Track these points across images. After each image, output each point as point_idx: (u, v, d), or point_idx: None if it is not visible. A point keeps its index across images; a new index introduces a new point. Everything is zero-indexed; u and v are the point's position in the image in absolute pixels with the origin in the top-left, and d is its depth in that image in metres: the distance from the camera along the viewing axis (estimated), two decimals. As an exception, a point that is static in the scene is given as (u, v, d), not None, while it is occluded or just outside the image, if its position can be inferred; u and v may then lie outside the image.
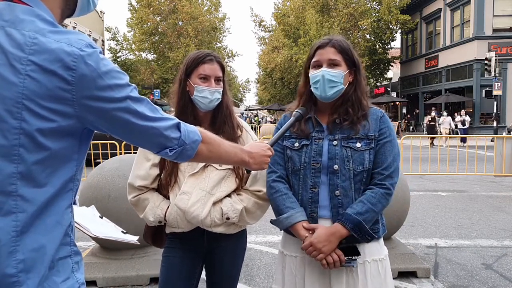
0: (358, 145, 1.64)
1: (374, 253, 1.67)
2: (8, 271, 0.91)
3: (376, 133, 1.66)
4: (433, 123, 19.68)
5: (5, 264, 0.91)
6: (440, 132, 18.90)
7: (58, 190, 0.98)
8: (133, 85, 1.04)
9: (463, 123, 19.12)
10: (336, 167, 1.64)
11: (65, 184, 0.99)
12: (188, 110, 1.81)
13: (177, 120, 1.12)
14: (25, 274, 0.92)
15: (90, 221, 1.44)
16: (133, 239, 1.52)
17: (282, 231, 1.81)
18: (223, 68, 1.86)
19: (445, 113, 20.51)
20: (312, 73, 1.71)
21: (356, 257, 1.60)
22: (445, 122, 19.09)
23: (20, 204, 0.92)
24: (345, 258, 1.60)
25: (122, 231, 1.55)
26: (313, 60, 1.72)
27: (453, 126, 19.33)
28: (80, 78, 0.93)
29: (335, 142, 1.67)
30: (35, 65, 0.90)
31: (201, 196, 1.73)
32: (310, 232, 1.63)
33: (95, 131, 1.07)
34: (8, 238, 0.91)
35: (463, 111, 20.06)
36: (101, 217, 1.57)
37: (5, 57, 0.90)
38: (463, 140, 16.10)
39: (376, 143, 1.66)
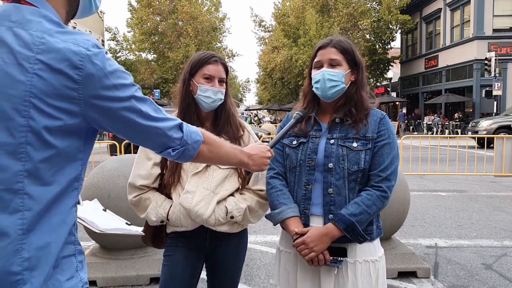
0: (355, 144, 1.66)
1: (366, 253, 1.67)
2: (13, 269, 0.91)
3: (374, 134, 1.67)
4: None
5: (10, 262, 0.91)
6: None
7: (64, 189, 0.99)
8: (137, 85, 1.06)
9: None
10: (331, 165, 1.65)
11: (70, 183, 1.01)
12: (191, 110, 1.83)
13: (179, 120, 1.14)
14: (30, 272, 0.93)
15: (94, 215, 1.45)
16: (137, 229, 1.54)
17: (281, 228, 1.83)
18: (226, 70, 1.89)
19: None
20: (314, 73, 1.74)
21: (342, 258, 1.61)
22: None
23: (27, 202, 0.93)
24: (331, 258, 1.61)
25: (127, 223, 1.56)
26: (315, 60, 1.75)
27: None
28: (86, 77, 0.95)
29: (332, 141, 1.68)
30: (43, 64, 0.92)
31: (205, 195, 1.74)
32: (301, 233, 1.64)
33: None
34: (15, 236, 0.92)
35: None
36: (105, 210, 1.58)
37: (13, 57, 0.92)
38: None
39: (374, 145, 1.66)
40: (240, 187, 1.85)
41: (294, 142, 1.76)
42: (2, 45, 0.92)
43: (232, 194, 1.81)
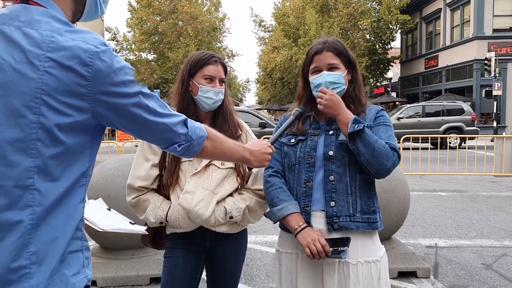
0: None
1: (368, 254, 1.67)
2: (20, 263, 0.93)
3: (371, 122, 1.71)
4: None
5: (18, 256, 0.93)
6: None
7: (71, 185, 1.01)
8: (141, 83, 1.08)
9: None
10: (331, 153, 1.67)
11: (78, 178, 1.03)
12: (190, 110, 1.83)
13: (184, 116, 1.17)
14: (37, 266, 0.95)
15: (98, 214, 1.45)
16: (141, 229, 1.54)
17: (279, 229, 1.83)
18: (225, 70, 1.90)
19: None
20: (313, 77, 1.73)
21: (343, 248, 1.58)
22: None
23: (37, 198, 0.95)
24: (331, 249, 1.59)
25: (130, 222, 1.57)
26: (312, 66, 1.74)
27: None
28: (95, 74, 0.98)
29: (331, 132, 1.71)
30: (53, 61, 0.94)
31: (205, 195, 1.74)
32: (301, 224, 1.64)
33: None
34: (25, 231, 0.93)
35: None
36: (109, 209, 1.58)
37: (24, 55, 0.94)
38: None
39: (372, 129, 1.69)
40: (239, 187, 1.85)
41: (292, 140, 1.77)
42: (13, 44, 0.95)
43: (231, 194, 1.81)
